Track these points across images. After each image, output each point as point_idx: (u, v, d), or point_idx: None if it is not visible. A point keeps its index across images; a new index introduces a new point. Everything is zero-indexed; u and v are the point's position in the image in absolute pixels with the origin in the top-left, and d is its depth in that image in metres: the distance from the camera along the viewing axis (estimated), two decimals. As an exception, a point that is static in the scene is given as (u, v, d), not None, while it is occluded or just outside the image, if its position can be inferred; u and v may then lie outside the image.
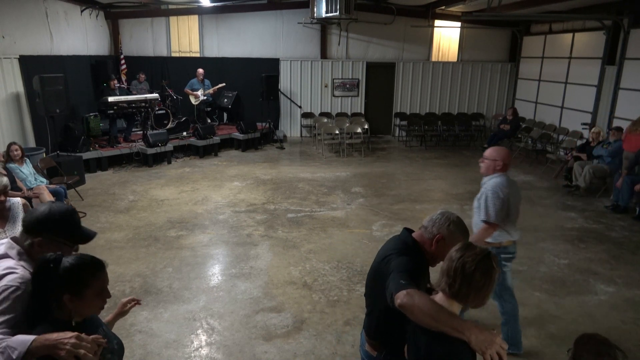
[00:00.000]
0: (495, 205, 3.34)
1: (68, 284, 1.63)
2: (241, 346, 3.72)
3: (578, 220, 6.76)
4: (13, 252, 1.86)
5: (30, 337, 1.57)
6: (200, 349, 3.70)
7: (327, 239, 5.92)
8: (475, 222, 3.59)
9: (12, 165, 5.99)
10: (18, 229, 2.49)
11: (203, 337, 3.85)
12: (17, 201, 2.83)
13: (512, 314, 3.61)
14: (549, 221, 6.68)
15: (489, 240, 3.54)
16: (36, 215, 1.87)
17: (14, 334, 1.62)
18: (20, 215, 2.73)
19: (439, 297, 1.80)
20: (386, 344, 2.22)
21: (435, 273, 1.97)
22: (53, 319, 1.66)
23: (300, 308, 4.30)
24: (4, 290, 1.70)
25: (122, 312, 2.16)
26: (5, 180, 2.65)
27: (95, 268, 1.71)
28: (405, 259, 2.02)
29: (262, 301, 4.41)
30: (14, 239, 1.91)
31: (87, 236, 1.96)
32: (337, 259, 5.31)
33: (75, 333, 1.58)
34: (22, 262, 1.83)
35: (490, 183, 3.45)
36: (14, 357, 1.55)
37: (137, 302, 2.19)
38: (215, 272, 5.02)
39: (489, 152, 3.46)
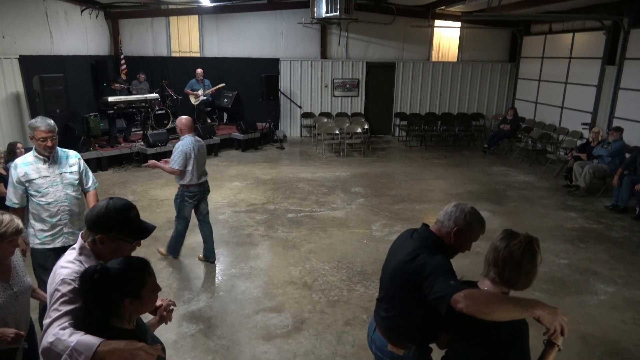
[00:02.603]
0: (179, 157, 4.76)
1: (127, 289, 1.65)
2: (241, 346, 3.72)
3: (578, 220, 6.76)
4: (77, 246, 1.91)
5: (95, 341, 1.57)
6: (200, 349, 3.70)
7: (327, 239, 5.92)
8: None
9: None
10: (24, 279, 2.43)
11: (203, 338, 3.85)
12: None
13: (180, 233, 5.11)
14: (549, 221, 6.68)
15: (181, 182, 4.89)
16: (96, 212, 1.87)
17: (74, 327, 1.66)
18: (21, 262, 2.50)
19: (487, 286, 1.86)
20: (414, 341, 2.20)
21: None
22: (111, 327, 1.66)
23: (300, 308, 4.30)
24: (62, 284, 1.76)
25: (163, 318, 2.12)
26: (19, 223, 2.31)
27: (145, 266, 1.75)
28: (440, 257, 2.00)
29: (262, 301, 4.41)
30: (83, 233, 1.94)
31: (146, 231, 1.96)
32: (337, 259, 5.31)
33: (142, 344, 1.61)
34: (81, 257, 1.86)
35: (178, 142, 4.88)
36: None
37: (172, 303, 2.19)
38: (215, 272, 5.02)
39: (177, 121, 5.04)
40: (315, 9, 10.67)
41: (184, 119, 5.01)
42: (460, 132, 12.46)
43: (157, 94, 10.26)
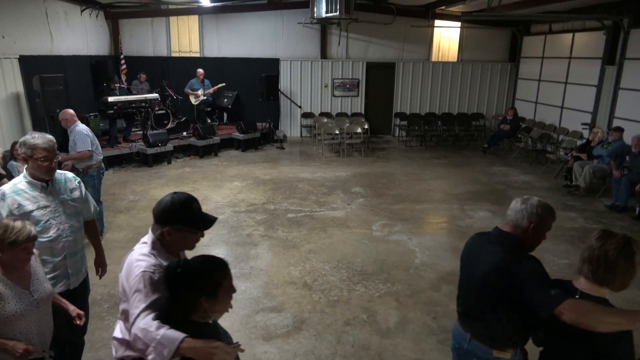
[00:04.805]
0: (85, 139, 5.37)
1: (203, 288, 1.73)
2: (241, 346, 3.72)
3: (578, 220, 6.76)
4: (149, 240, 2.00)
5: (179, 336, 1.68)
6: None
7: (327, 239, 5.92)
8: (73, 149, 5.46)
9: (14, 163, 5.99)
10: (45, 285, 2.37)
11: (203, 337, 3.85)
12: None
13: (102, 212, 5.82)
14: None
15: (91, 162, 5.48)
16: (162, 206, 1.97)
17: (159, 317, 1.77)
18: (40, 268, 2.42)
19: (582, 284, 1.90)
20: (516, 345, 2.21)
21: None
22: (191, 321, 1.76)
23: (300, 308, 4.30)
24: (142, 277, 1.85)
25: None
26: (31, 229, 2.22)
27: (223, 268, 1.82)
28: (529, 264, 2.02)
29: (262, 301, 4.41)
30: (152, 227, 2.02)
31: (209, 221, 2.04)
32: (337, 259, 5.31)
33: (220, 342, 1.71)
34: (154, 251, 1.97)
35: (75, 129, 5.41)
36: (165, 354, 1.67)
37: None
38: (215, 272, 5.01)
39: (62, 113, 5.48)
40: (315, 9, 10.67)
41: (68, 112, 5.49)
42: (460, 132, 12.45)
43: (157, 94, 10.27)
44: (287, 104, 12.69)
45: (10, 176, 5.71)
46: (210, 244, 5.67)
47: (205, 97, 11.05)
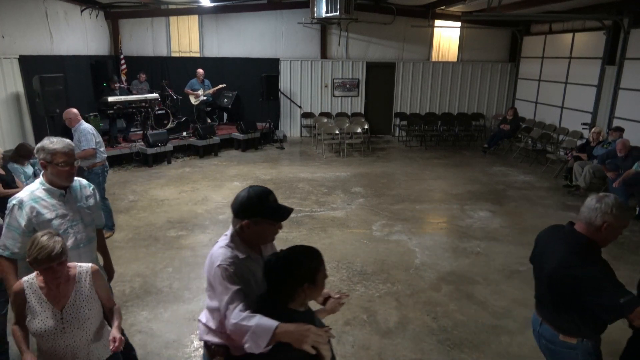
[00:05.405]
0: (90, 138, 5.44)
1: (306, 275, 1.83)
2: (241, 346, 3.71)
3: (578, 220, 6.75)
4: (229, 233, 2.11)
5: (272, 324, 1.76)
6: (200, 349, 3.69)
7: (327, 239, 5.91)
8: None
9: (15, 165, 5.98)
10: (83, 312, 2.25)
11: (203, 337, 3.85)
12: (86, 269, 2.33)
13: (110, 207, 5.94)
14: (549, 221, 6.60)
15: (96, 160, 5.55)
16: (239, 200, 2.04)
17: (247, 306, 1.87)
18: (87, 293, 2.26)
19: None
20: (585, 335, 2.27)
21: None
22: (289, 310, 1.86)
23: (300, 308, 4.29)
24: (222, 271, 1.93)
25: (333, 309, 2.22)
26: (56, 246, 2.06)
27: (319, 255, 1.91)
28: (594, 269, 2.09)
29: (262, 301, 4.40)
30: (232, 221, 2.10)
31: (286, 212, 2.06)
32: (337, 259, 5.31)
33: (311, 326, 1.77)
34: (231, 244, 2.05)
35: (80, 128, 5.48)
36: (261, 343, 1.75)
37: (346, 296, 2.27)
38: (215, 272, 5.01)
39: (66, 113, 5.56)
40: (315, 9, 10.67)
41: (72, 111, 5.57)
42: (460, 132, 12.45)
43: (157, 94, 10.27)
44: (287, 104, 12.69)
45: (10, 176, 5.72)
46: (210, 244, 5.64)
47: (205, 97, 11.05)
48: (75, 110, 5.60)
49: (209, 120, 11.46)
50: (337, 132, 11.09)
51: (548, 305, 2.35)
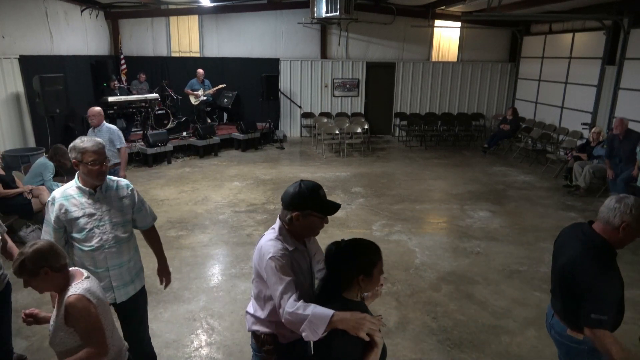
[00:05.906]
0: (122, 137, 5.56)
1: (362, 267, 1.88)
2: (241, 346, 3.71)
3: (578, 221, 6.75)
4: (276, 227, 2.15)
5: (329, 312, 1.81)
6: (200, 349, 3.70)
7: (327, 239, 5.86)
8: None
9: (48, 163, 5.98)
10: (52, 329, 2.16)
11: (203, 337, 3.85)
12: (71, 292, 2.18)
13: None
14: (549, 221, 6.68)
15: (116, 160, 5.46)
16: (290, 193, 2.09)
17: (300, 296, 1.94)
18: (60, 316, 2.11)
19: None
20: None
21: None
22: (344, 299, 1.91)
23: (300, 308, 4.29)
24: (271, 262, 2.00)
25: (375, 294, 2.28)
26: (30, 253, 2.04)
27: (378, 250, 1.96)
28: (602, 279, 2.15)
29: (262, 301, 4.40)
30: (280, 214, 2.15)
31: (334, 207, 2.14)
32: (337, 259, 5.30)
33: (366, 314, 1.83)
34: (280, 236, 2.11)
35: (110, 128, 5.51)
36: (318, 331, 1.80)
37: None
38: (215, 272, 5.02)
39: (91, 110, 5.43)
40: (315, 9, 10.67)
41: (96, 109, 5.47)
42: (460, 132, 12.45)
43: (157, 94, 10.27)
44: (287, 104, 12.69)
45: (10, 176, 5.72)
46: (210, 244, 5.68)
47: (205, 98, 11.05)
48: (99, 109, 5.52)
49: (209, 120, 11.47)
50: (337, 132, 11.09)
51: (559, 298, 2.41)
